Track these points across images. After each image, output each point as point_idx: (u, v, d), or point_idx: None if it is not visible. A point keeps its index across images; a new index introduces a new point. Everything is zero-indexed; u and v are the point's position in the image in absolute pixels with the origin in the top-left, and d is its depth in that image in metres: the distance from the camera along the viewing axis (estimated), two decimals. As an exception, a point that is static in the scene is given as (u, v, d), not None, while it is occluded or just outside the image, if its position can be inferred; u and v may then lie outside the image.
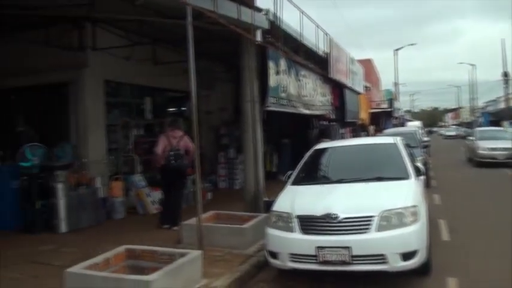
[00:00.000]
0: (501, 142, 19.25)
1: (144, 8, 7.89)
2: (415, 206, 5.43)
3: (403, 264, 5.09)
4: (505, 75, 42.51)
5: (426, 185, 9.05)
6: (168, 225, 8.48)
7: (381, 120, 33.47)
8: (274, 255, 5.61)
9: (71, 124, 10.10)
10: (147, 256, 5.50)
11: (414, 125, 35.09)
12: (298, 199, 5.91)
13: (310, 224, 5.39)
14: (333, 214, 5.26)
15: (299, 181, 6.69)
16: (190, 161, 8.35)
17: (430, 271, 5.72)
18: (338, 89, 16.58)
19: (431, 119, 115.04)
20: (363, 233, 5.15)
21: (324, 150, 7.68)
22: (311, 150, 7.68)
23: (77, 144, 9.85)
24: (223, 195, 12.42)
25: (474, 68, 68.99)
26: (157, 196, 10.52)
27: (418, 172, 6.54)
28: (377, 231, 5.13)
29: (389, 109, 36.52)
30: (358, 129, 23.43)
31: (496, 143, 19.27)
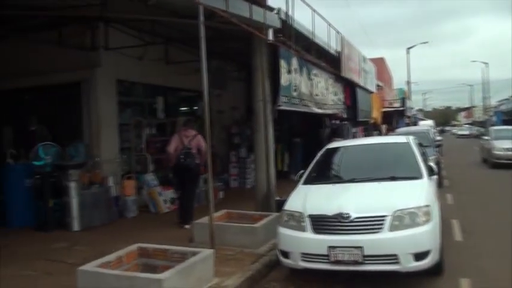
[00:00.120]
0: None
1: (157, 7, 7.91)
2: (428, 205, 5.39)
3: (416, 265, 5.06)
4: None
5: (439, 184, 8.99)
6: (184, 224, 8.53)
7: (393, 119, 33.26)
8: (285, 254, 5.60)
9: (84, 123, 10.18)
10: (159, 254, 5.52)
11: (426, 124, 34.82)
12: (310, 198, 5.90)
13: (322, 223, 5.37)
14: (345, 214, 5.25)
15: (311, 180, 6.67)
16: (203, 160, 8.40)
17: (443, 272, 5.68)
18: (350, 88, 16.51)
19: (444, 118, 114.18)
20: (375, 232, 5.12)
21: (335, 149, 7.65)
22: (323, 149, 7.66)
23: (90, 143, 9.93)
24: (235, 194, 12.44)
25: (487, 66, 68.24)
26: (169, 195, 10.60)
27: (430, 172, 6.49)
28: (389, 231, 5.10)
29: (401, 108, 36.25)
30: (370, 129, 23.30)
31: None
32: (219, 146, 14.00)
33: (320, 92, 12.33)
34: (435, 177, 6.88)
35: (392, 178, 6.16)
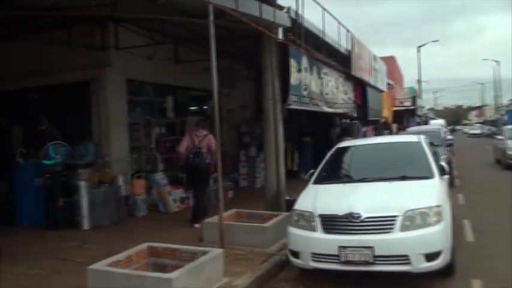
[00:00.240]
0: None
1: (166, 7, 7.94)
2: (439, 205, 5.35)
3: (427, 265, 5.03)
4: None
5: (450, 184, 8.91)
6: (194, 223, 8.56)
7: (403, 118, 33.12)
8: (296, 254, 5.59)
9: (94, 123, 10.24)
10: (169, 254, 5.53)
11: (437, 123, 34.61)
12: (320, 198, 5.89)
13: (332, 223, 5.36)
14: (355, 213, 5.23)
15: (321, 180, 6.66)
16: (213, 160, 8.43)
17: (454, 272, 5.64)
18: (360, 87, 16.44)
19: (455, 117, 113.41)
20: (386, 232, 5.10)
21: (346, 148, 7.63)
22: (333, 148, 7.64)
23: (100, 142, 9.97)
24: (245, 193, 12.44)
25: (498, 64, 67.69)
26: (178, 194, 10.64)
27: (442, 171, 6.44)
28: (400, 231, 5.07)
29: (412, 107, 36.07)
30: (380, 128, 23.21)
31: None
32: (229, 145, 14.01)
33: (330, 91, 12.29)
34: (446, 176, 6.82)
35: (403, 178, 6.13)
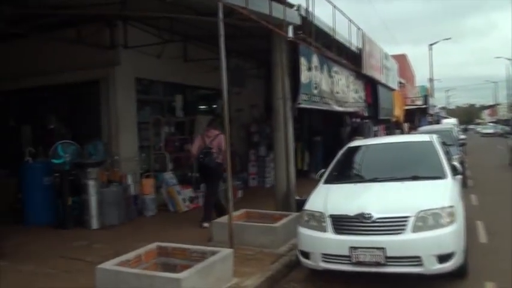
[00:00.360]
0: None
1: (175, 5, 7.96)
2: (452, 206, 5.31)
3: (439, 267, 5.00)
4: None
5: (463, 184, 8.85)
6: (202, 222, 8.60)
7: (415, 117, 32.95)
8: (306, 255, 5.58)
9: (103, 121, 10.28)
10: (178, 254, 5.54)
11: (450, 122, 34.40)
12: (331, 198, 5.87)
13: (343, 223, 5.35)
14: (366, 214, 5.21)
15: (332, 180, 6.64)
16: (224, 160, 8.45)
17: (467, 274, 5.59)
18: (371, 86, 16.37)
19: (467, 116, 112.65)
20: (398, 233, 5.07)
21: (357, 148, 7.60)
22: (344, 148, 7.62)
23: (109, 141, 10.02)
24: (254, 193, 12.44)
25: (512, 62, 67.00)
26: (188, 194, 10.67)
27: (455, 171, 6.40)
28: (412, 232, 5.04)
29: (424, 106, 35.87)
30: (392, 127, 23.10)
31: None
32: (238, 144, 14.02)
33: (341, 89, 12.26)
34: (459, 177, 6.77)
35: (415, 178, 6.10)
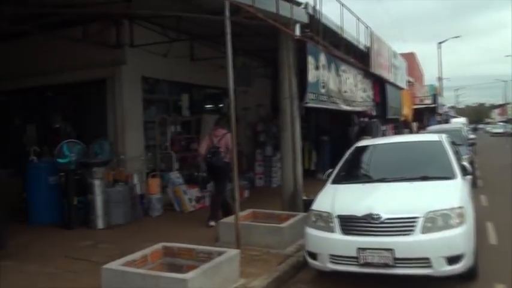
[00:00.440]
0: None
1: (182, 3, 7.97)
2: (462, 207, 5.28)
3: (449, 269, 4.97)
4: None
5: (473, 185, 8.80)
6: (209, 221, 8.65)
7: (424, 116, 32.83)
8: (313, 255, 5.57)
9: (109, 121, 10.31)
10: (185, 254, 5.55)
11: (459, 121, 34.24)
12: (338, 198, 5.86)
13: (351, 224, 5.33)
14: (375, 214, 5.18)
15: (339, 180, 6.62)
16: (231, 159, 8.46)
17: (477, 276, 5.55)
18: (379, 84, 16.32)
19: (477, 115, 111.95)
20: (407, 234, 5.05)
21: (365, 147, 7.57)
22: (352, 147, 7.60)
23: (115, 140, 10.04)
24: (261, 193, 12.44)
25: (523, 61, 66.56)
26: (194, 194, 10.69)
27: (464, 171, 6.36)
28: (421, 233, 5.01)
29: (433, 105, 35.74)
30: (400, 126, 23.01)
31: None
32: (244, 144, 14.02)
33: (349, 88, 12.22)
34: (469, 177, 6.74)
35: (424, 178, 6.07)
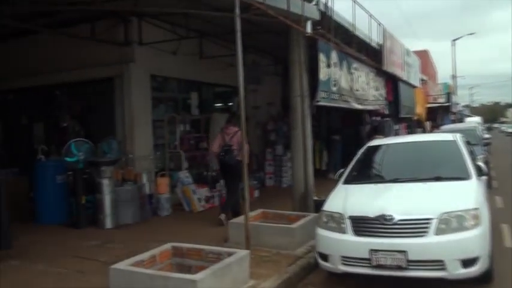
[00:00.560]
0: None
1: (191, 0, 7.97)
2: (477, 208, 5.23)
3: (463, 272, 4.93)
4: None
5: (488, 186, 8.73)
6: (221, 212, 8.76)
7: (437, 115, 32.59)
8: (324, 257, 5.55)
9: (117, 119, 10.34)
10: (194, 254, 5.55)
11: (473, 120, 33.99)
12: (350, 199, 5.84)
13: (363, 225, 5.30)
14: (387, 215, 5.16)
15: (351, 180, 6.60)
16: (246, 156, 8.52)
17: (492, 280, 5.50)
18: (392, 83, 16.25)
19: (492, 114, 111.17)
20: (420, 236, 5.01)
21: (377, 147, 7.54)
22: (364, 147, 7.57)
23: (123, 139, 10.06)
24: (271, 193, 12.44)
25: (540, 59, 65.96)
26: (203, 193, 10.70)
27: (479, 172, 6.31)
28: (435, 235, 4.98)
29: (446, 104, 35.46)
30: (413, 125, 22.88)
31: None
32: (254, 143, 14.01)
33: (360, 86, 12.18)
34: (484, 178, 6.67)
35: (438, 178, 6.03)
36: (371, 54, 13.50)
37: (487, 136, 20.35)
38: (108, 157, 9.26)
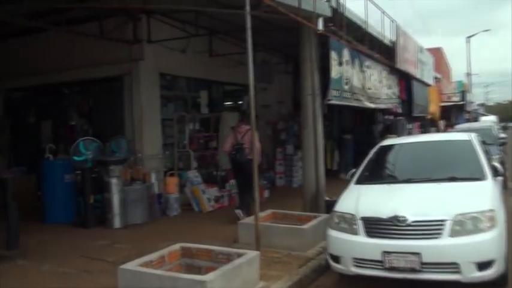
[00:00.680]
0: None
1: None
2: (492, 210, 5.18)
3: (479, 275, 4.88)
4: None
5: (503, 186, 8.64)
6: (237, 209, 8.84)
7: (451, 114, 32.41)
8: (336, 259, 5.53)
9: (126, 118, 10.37)
10: (203, 255, 5.56)
11: (489, 119, 33.72)
12: (362, 199, 5.81)
13: (375, 226, 5.28)
14: (400, 217, 5.13)
15: (363, 180, 6.57)
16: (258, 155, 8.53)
17: (508, 284, 5.44)
18: (405, 81, 16.15)
19: (508, 113, 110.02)
20: (434, 238, 4.98)
21: (390, 147, 7.50)
22: (376, 146, 7.53)
23: (132, 138, 10.11)
24: (281, 193, 12.42)
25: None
26: (213, 193, 10.70)
27: (495, 172, 6.23)
28: (450, 236, 4.94)
29: (461, 102, 35.24)
30: (427, 125, 22.76)
31: None
32: (265, 142, 13.99)
33: (373, 85, 12.12)
34: (500, 178, 6.60)
35: (452, 179, 5.98)
36: (384, 52, 13.43)
37: (502, 135, 20.13)
38: (116, 156, 9.31)
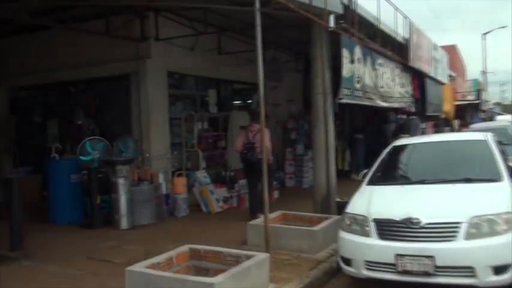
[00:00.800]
0: None
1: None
2: (509, 212, 5.12)
3: (495, 279, 4.83)
4: None
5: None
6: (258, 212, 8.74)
7: (466, 113, 32.19)
8: (347, 261, 5.51)
9: (133, 117, 10.40)
10: (211, 257, 5.55)
11: (505, 119, 33.43)
12: (375, 201, 5.79)
13: (388, 228, 5.25)
14: (414, 219, 5.10)
15: (376, 181, 6.53)
16: (267, 154, 8.50)
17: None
18: (418, 79, 16.05)
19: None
20: (449, 241, 4.94)
21: (403, 147, 7.46)
22: (389, 146, 7.49)
23: (139, 138, 10.13)
24: (291, 194, 12.41)
25: None
26: (221, 194, 10.69)
27: (512, 173, 6.21)
28: (465, 239, 4.90)
29: (476, 101, 34.97)
30: (441, 124, 22.63)
31: None
32: (274, 142, 13.95)
33: (385, 83, 12.06)
34: (517, 179, 6.56)
35: (467, 180, 5.93)
36: (396, 50, 13.36)
37: (519, 135, 19.96)
38: (123, 156, 9.32)
